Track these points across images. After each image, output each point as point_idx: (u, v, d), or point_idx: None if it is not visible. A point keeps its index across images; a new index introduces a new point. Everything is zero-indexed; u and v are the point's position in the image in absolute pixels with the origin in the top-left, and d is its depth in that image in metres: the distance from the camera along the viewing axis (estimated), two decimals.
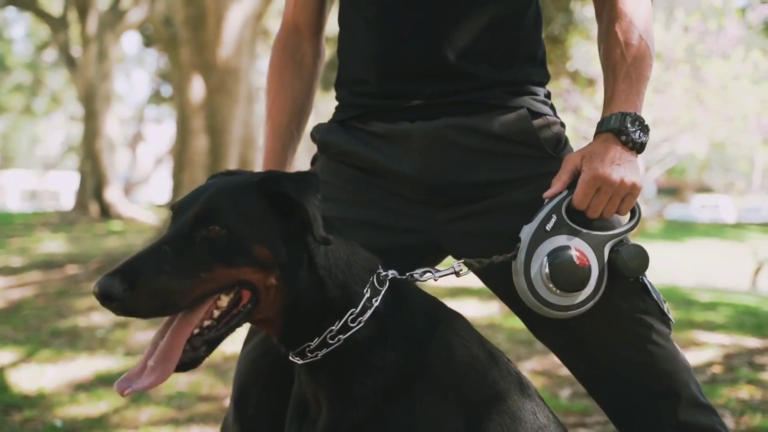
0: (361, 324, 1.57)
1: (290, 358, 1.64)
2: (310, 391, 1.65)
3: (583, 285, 1.76)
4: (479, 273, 1.89)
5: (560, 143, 1.95)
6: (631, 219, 1.89)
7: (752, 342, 5.42)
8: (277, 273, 1.49)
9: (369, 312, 1.59)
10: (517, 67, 1.93)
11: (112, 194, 16.78)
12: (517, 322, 5.87)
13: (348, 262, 1.61)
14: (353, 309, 1.58)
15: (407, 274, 1.75)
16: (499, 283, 1.94)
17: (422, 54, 1.89)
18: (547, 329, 1.94)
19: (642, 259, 1.79)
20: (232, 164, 8.75)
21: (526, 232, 1.80)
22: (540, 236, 1.79)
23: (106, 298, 1.35)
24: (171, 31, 16.80)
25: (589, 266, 1.77)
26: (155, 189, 41.09)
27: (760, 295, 10.38)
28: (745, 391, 4.18)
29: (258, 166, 5.58)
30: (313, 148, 2.12)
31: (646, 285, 1.85)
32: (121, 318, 5.39)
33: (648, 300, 1.87)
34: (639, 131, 1.79)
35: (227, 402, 4.33)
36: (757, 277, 13.24)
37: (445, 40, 1.87)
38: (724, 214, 34.01)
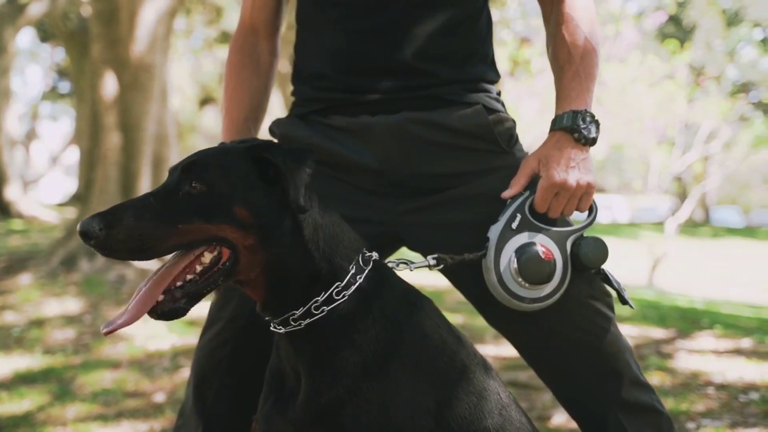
0: (345, 298, 1.65)
1: (272, 327, 1.70)
2: (289, 363, 1.71)
3: (549, 278, 1.88)
4: (445, 269, 1.96)
5: (512, 138, 2.06)
6: (590, 215, 2.01)
7: (657, 333, 5.69)
8: (256, 234, 1.57)
9: (353, 287, 1.66)
10: (472, 66, 2.03)
11: (12, 192, 16.21)
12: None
13: (336, 238, 1.69)
14: (339, 282, 1.65)
15: (386, 261, 1.83)
16: (463, 277, 2.04)
17: (384, 52, 1.97)
18: (502, 318, 2.04)
19: (602, 251, 1.92)
20: (145, 161, 8.62)
21: (494, 231, 1.91)
22: (507, 234, 1.90)
23: (85, 236, 1.46)
24: (70, 25, 16.40)
25: (554, 260, 1.89)
26: (50, 188, 39.81)
27: (658, 289, 10.86)
28: (656, 378, 4.39)
29: (173, 163, 5.55)
30: None
31: (606, 275, 1.98)
32: (37, 316, 5.24)
33: (595, 286, 2.00)
34: (590, 127, 1.91)
35: (155, 397, 4.33)
36: (653, 273, 13.75)
37: (406, 40, 1.96)
38: (617, 213, 35.04)
